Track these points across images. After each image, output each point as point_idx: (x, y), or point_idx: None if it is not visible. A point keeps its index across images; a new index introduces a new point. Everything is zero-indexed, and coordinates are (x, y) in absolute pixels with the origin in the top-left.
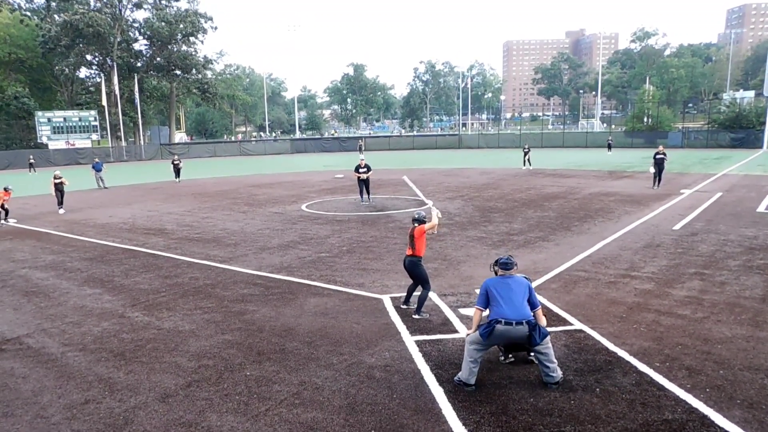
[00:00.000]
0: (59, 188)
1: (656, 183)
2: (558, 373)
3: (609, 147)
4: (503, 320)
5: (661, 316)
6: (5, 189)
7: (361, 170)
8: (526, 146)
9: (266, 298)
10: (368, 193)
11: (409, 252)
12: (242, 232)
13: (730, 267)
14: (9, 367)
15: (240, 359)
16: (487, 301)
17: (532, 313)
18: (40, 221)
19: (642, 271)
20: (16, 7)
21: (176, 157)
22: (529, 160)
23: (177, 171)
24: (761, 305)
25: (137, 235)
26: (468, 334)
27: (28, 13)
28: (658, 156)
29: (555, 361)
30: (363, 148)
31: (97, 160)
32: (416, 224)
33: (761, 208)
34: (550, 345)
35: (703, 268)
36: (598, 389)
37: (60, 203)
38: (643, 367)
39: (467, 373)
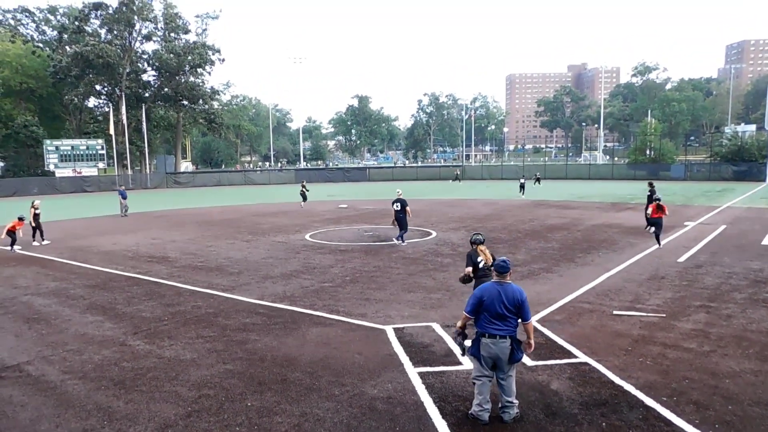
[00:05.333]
0: (36, 219)
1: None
2: (514, 411)
3: (537, 180)
4: (487, 334)
5: (667, 349)
6: (19, 219)
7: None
8: (523, 178)
9: (268, 327)
10: (404, 230)
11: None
12: (245, 261)
13: (736, 300)
14: (8, 395)
15: (241, 389)
16: (478, 308)
17: (523, 326)
18: (44, 248)
19: (647, 303)
20: (29, 38)
21: (304, 182)
22: (523, 186)
23: (303, 196)
24: None
25: (140, 263)
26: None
27: (41, 45)
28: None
29: (515, 400)
30: (460, 178)
31: (122, 187)
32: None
33: (766, 241)
34: (513, 375)
35: (708, 301)
36: (604, 424)
37: (40, 234)
38: (649, 401)
39: (478, 408)
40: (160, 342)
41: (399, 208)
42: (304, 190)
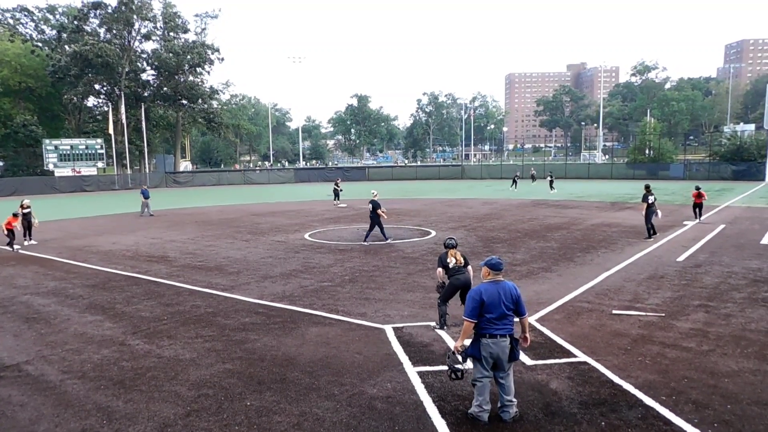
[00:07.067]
0: (27, 218)
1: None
2: (513, 410)
3: (514, 182)
4: (487, 334)
5: (666, 349)
6: (14, 215)
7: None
8: (551, 176)
9: (268, 327)
10: (380, 229)
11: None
12: (245, 261)
13: (735, 299)
14: (7, 395)
15: (240, 389)
16: (480, 311)
17: (520, 320)
18: (43, 247)
19: (646, 303)
20: (28, 38)
21: (338, 180)
22: (552, 183)
23: (336, 194)
24: None
25: (140, 263)
26: (455, 348)
27: (39, 44)
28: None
29: (514, 399)
30: (535, 177)
31: (145, 186)
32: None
33: (765, 240)
34: (511, 375)
35: (707, 300)
36: (603, 423)
37: (29, 234)
38: (648, 401)
39: (478, 409)
40: (160, 342)
41: (371, 209)
42: (337, 188)
